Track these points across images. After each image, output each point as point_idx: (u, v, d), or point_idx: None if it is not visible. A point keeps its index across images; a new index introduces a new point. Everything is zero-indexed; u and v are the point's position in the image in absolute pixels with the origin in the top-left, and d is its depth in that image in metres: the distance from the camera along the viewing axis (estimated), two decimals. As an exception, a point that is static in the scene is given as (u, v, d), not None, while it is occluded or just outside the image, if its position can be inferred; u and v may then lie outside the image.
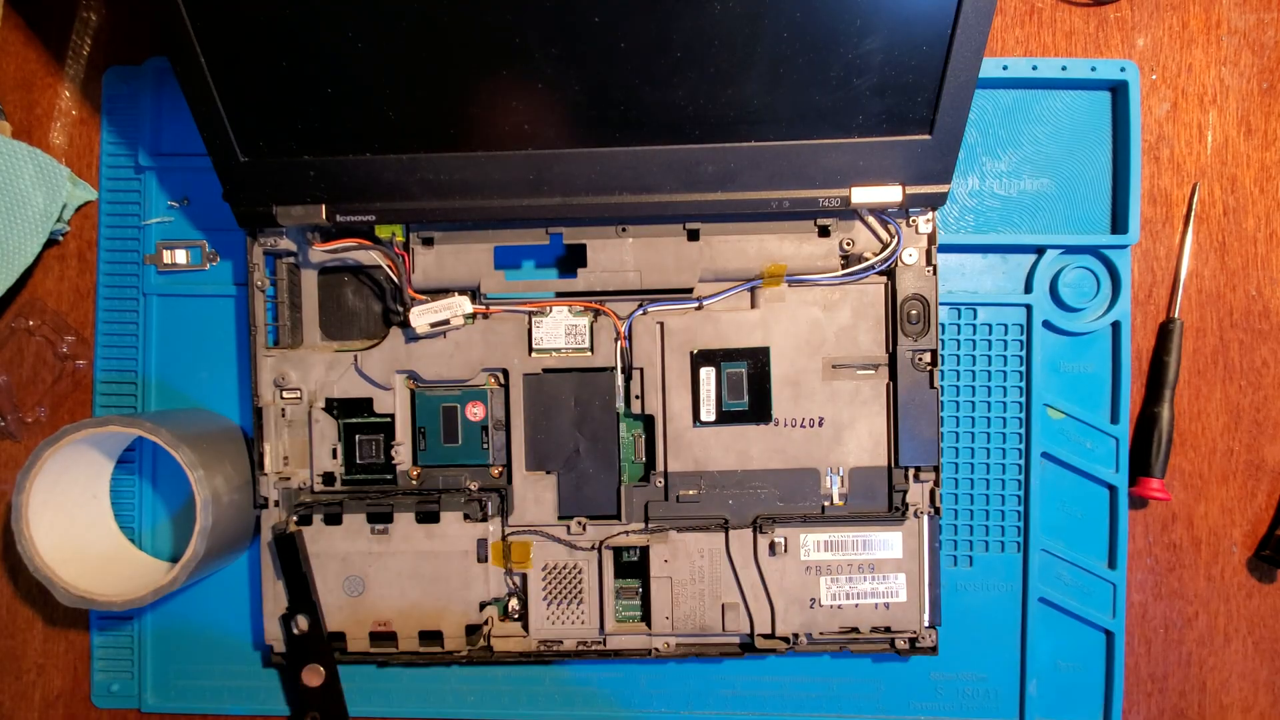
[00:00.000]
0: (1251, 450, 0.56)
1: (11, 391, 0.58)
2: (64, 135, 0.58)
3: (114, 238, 0.57)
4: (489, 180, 0.48)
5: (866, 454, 0.53)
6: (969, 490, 0.56)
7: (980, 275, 0.56)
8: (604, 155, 0.47)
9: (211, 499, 0.49)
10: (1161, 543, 0.57)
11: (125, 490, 0.57)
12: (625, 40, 0.43)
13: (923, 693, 0.56)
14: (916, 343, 0.52)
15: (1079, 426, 0.55)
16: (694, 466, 0.53)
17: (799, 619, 0.53)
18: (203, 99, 0.45)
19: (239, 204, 0.49)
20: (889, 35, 0.43)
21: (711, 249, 0.52)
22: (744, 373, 0.52)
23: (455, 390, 0.54)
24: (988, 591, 0.56)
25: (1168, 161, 0.56)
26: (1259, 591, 0.57)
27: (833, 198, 0.48)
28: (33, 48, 0.58)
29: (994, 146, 0.56)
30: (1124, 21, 0.56)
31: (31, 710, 0.58)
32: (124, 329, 0.57)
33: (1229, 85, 0.56)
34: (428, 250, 0.53)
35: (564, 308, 0.53)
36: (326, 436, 0.54)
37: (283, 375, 0.53)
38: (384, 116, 0.46)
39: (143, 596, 0.49)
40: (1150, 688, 0.57)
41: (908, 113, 0.46)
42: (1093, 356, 0.55)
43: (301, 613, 0.52)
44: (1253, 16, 0.56)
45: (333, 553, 0.53)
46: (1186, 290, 0.56)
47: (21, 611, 0.59)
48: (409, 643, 0.53)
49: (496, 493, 0.53)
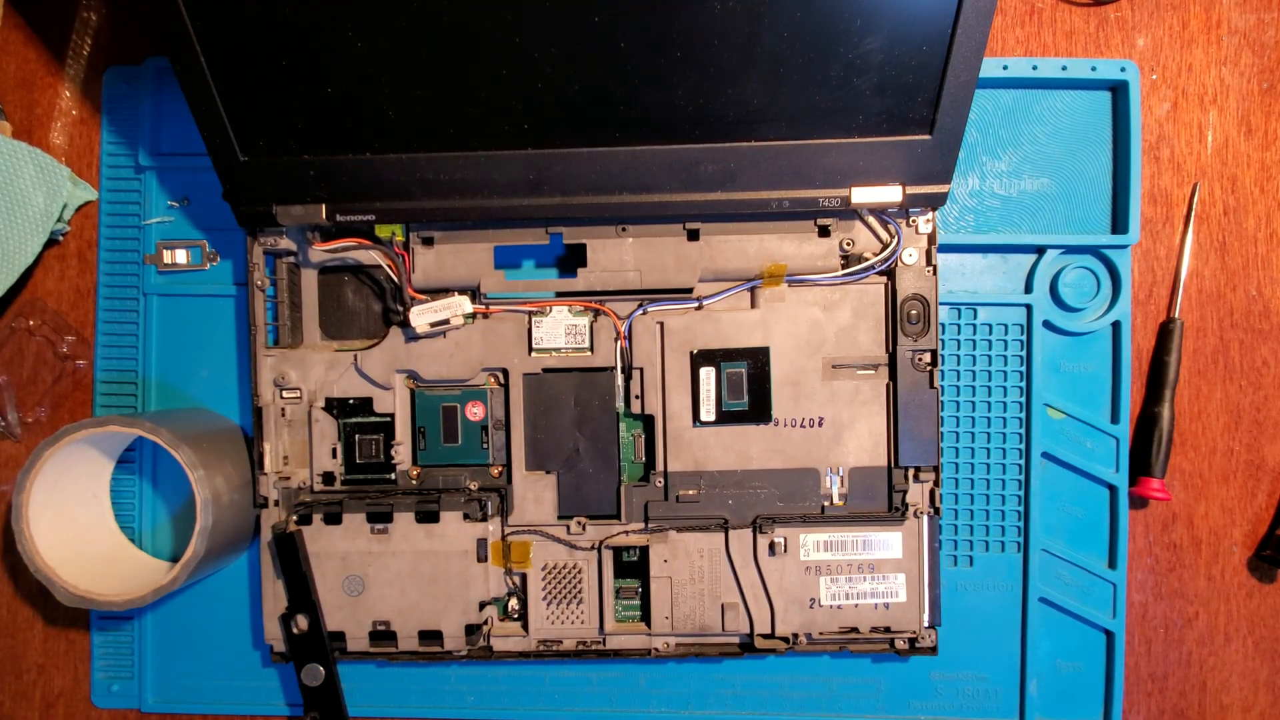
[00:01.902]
0: (1252, 450, 0.56)
1: (12, 391, 0.58)
2: (64, 135, 0.58)
3: (114, 238, 0.57)
4: (489, 180, 0.48)
5: (866, 454, 0.53)
6: (969, 490, 0.56)
7: (980, 275, 0.56)
8: (604, 155, 0.47)
9: (212, 499, 0.49)
10: (1162, 543, 0.57)
11: (125, 490, 0.57)
12: (625, 40, 0.43)
13: (923, 693, 0.56)
14: (916, 343, 0.52)
15: (1079, 426, 0.55)
16: (694, 466, 0.53)
17: (799, 619, 0.53)
18: (203, 99, 0.45)
19: (239, 204, 0.49)
20: (889, 35, 0.43)
21: (711, 249, 0.52)
22: (744, 373, 0.52)
23: (455, 390, 0.54)
24: (988, 591, 0.56)
25: (1168, 161, 0.56)
26: (1259, 591, 0.57)
27: (833, 198, 0.48)
28: (33, 47, 0.58)
29: (994, 146, 0.56)
30: (1124, 21, 0.56)
31: (32, 710, 0.58)
32: (124, 329, 0.57)
33: (1229, 85, 0.56)
34: (428, 250, 0.53)
35: (564, 307, 0.53)
36: (326, 436, 0.54)
37: (283, 375, 0.53)
38: (384, 116, 0.46)
39: (143, 596, 0.49)
40: (1150, 687, 0.57)
41: (908, 113, 0.46)
42: (1093, 356, 0.55)
43: (301, 612, 0.52)
44: (1253, 16, 0.56)
45: (332, 552, 0.53)
46: (1187, 290, 0.56)
47: (22, 611, 0.59)
48: (409, 642, 0.53)
49: (496, 492, 0.53)
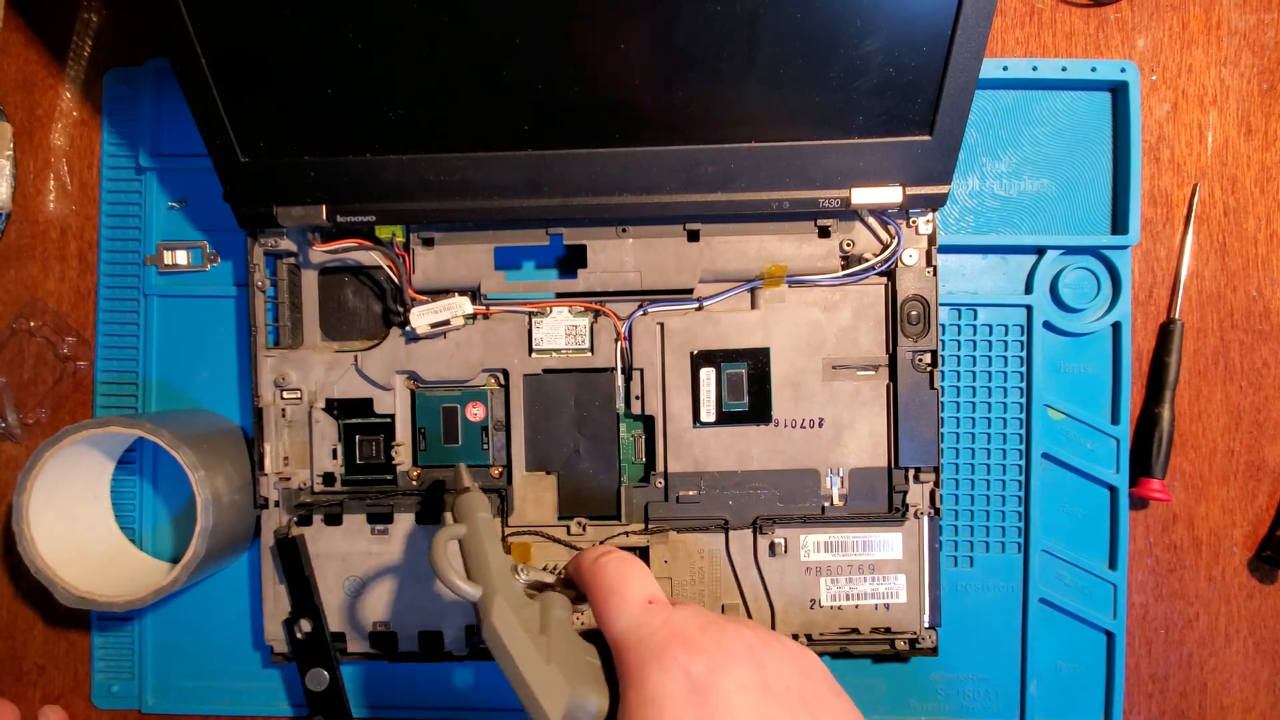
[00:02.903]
0: (1252, 451, 0.56)
1: (12, 393, 0.58)
2: (64, 136, 0.58)
3: (114, 238, 0.57)
4: (489, 180, 0.48)
5: (866, 455, 0.52)
6: (969, 491, 0.56)
7: (980, 276, 0.56)
8: (604, 155, 0.47)
9: (212, 500, 0.49)
10: (1162, 543, 0.57)
11: (126, 491, 0.57)
12: (625, 40, 0.43)
13: (923, 693, 0.56)
14: (916, 343, 0.52)
15: (1079, 427, 0.55)
16: (694, 467, 0.53)
17: (799, 619, 0.52)
18: (203, 99, 0.45)
19: (239, 204, 0.49)
20: (889, 36, 0.43)
21: (711, 249, 0.52)
22: (744, 373, 0.52)
23: (455, 390, 0.54)
24: (988, 592, 0.56)
25: (1168, 162, 0.56)
26: (1260, 592, 0.56)
27: (833, 198, 0.48)
28: (33, 49, 0.58)
29: (994, 147, 0.56)
30: (1124, 22, 0.56)
31: (31, 710, 0.58)
32: (124, 330, 0.57)
33: (1229, 86, 0.56)
34: (428, 251, 0.53)
35: (564, 308, 0.53)
36: (326, 437, 0.54)
37: (283, 375, 0.53)
38: (384, 117, 0.46)
39: (143, 597, 0.49)
40: (1151, 688, 0.57)
41: (908, 113, 0.46)
42: (1093, 357, 0.55)
43: (305, 617, 0.52)
44: (1253, 17, 0.56)
45: (333, 553, 0.53)
46: (1187, 291, 0.56)
47: (22, 612, 0.59)
48: (409, 643, 0.53)
49: (496, 493, 0.53)
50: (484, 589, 0.39)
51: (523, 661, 0.37)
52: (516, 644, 0.37)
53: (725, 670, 0.35)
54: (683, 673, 0.35)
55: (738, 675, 0.35)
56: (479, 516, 0.43)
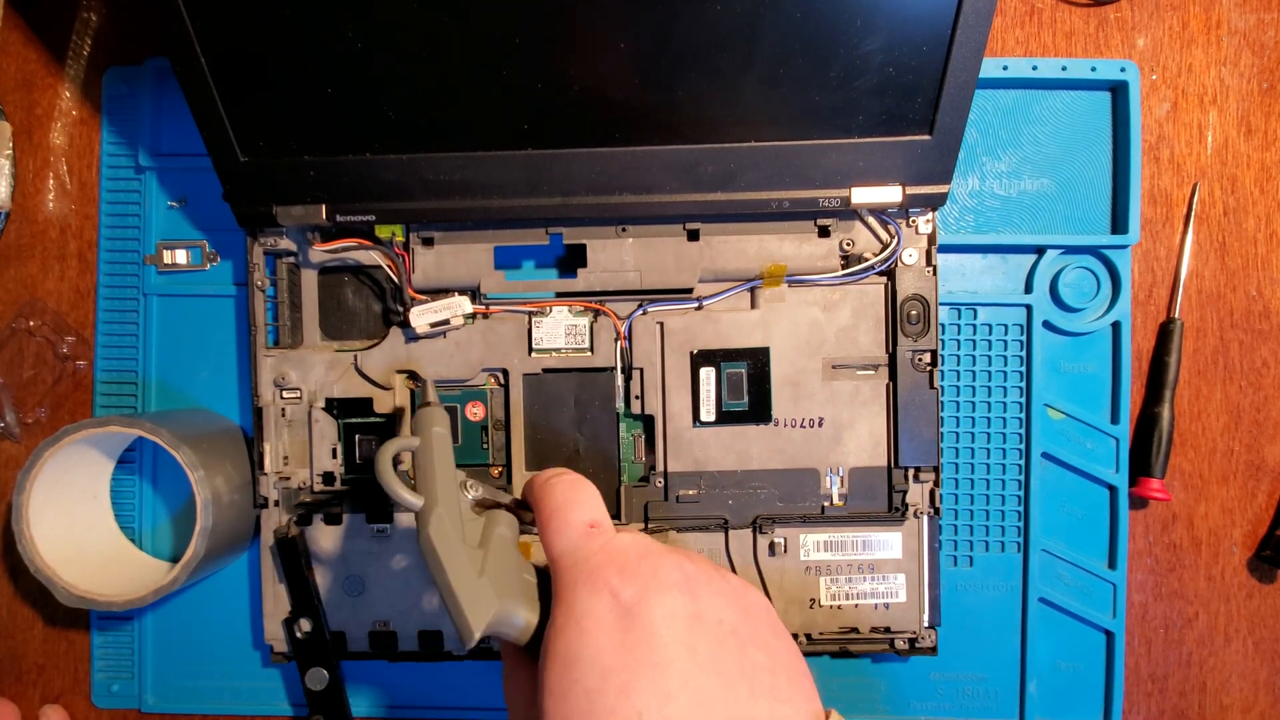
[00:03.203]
0: (1252, 450, 0.56)
1: (11, 392, 0.58)
2: (64, 135, 0.58)
3: (114, 238, 0.57)
4: (489, 180, 0.48)
5: (866, 454, 0.53)
6: (969, 490, 0.56)
7: (980, 275, 0.56)
8: (604, 155, 0.47)
9: (212, 499, 0.49)
10: (1162, 543, 0.57)
11: (125, 490, 0.57)
12: (625, 40, 0.43)
13: (923, 693, 0.56)
14: (916, 343, 0.52)
15: (1079, 426, 0.55)
16: (694, 467, 0.53)
17: (799, 619, 0.53)
18: (202, 98, 0.45)
19: (239, 204, 0.49)
20: (889, 35, 0.43)
21: (711, 249, 0.52)
22: (744, 373, 0.52)
23: (455, 390, 0.54)
24: (988, 591, 0.56)
25: (1168, 162, 0.56)
26: (1259, 592, 0.57)
27: (833, 198, 0.48)
28: (33, 48, 0.58)
29: (994, 146, 0.56)
30: (1124, 21, 0.56)
31: (31, 710, 0.58)
32: (124, 329, 0.57)
33: (1229, 85, 0.56)
34: (428, 250, 0.53)
35: (564, 308, 0.53)
36: (326, 436, 0.54)
37: (283, 375, 0.53)
38: (384, 117, 0.46)
39: (143, 597, 0.49)
40: (1150, 688, 0.57)
41: (908, 113, 0.46)
42: (1093, 357, 0.55)
43: (304, 616, 0.52)
44: (1253, 17, 0.56)
45: (333, 553, 0.53)
46: (1187, 290, 0.56)
47: (22, 612, 0.59)
48: (409, 643, 0.53)
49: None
50: (425, 500, 0.38)
51: (453, 571, 0.36)
52: (450, 554, 0.36)
53: (655, 598, 0.34)
54: (612, 596, 0.34)
55: (668, 603, 0.34)
56: (434, 431, 0.42)
